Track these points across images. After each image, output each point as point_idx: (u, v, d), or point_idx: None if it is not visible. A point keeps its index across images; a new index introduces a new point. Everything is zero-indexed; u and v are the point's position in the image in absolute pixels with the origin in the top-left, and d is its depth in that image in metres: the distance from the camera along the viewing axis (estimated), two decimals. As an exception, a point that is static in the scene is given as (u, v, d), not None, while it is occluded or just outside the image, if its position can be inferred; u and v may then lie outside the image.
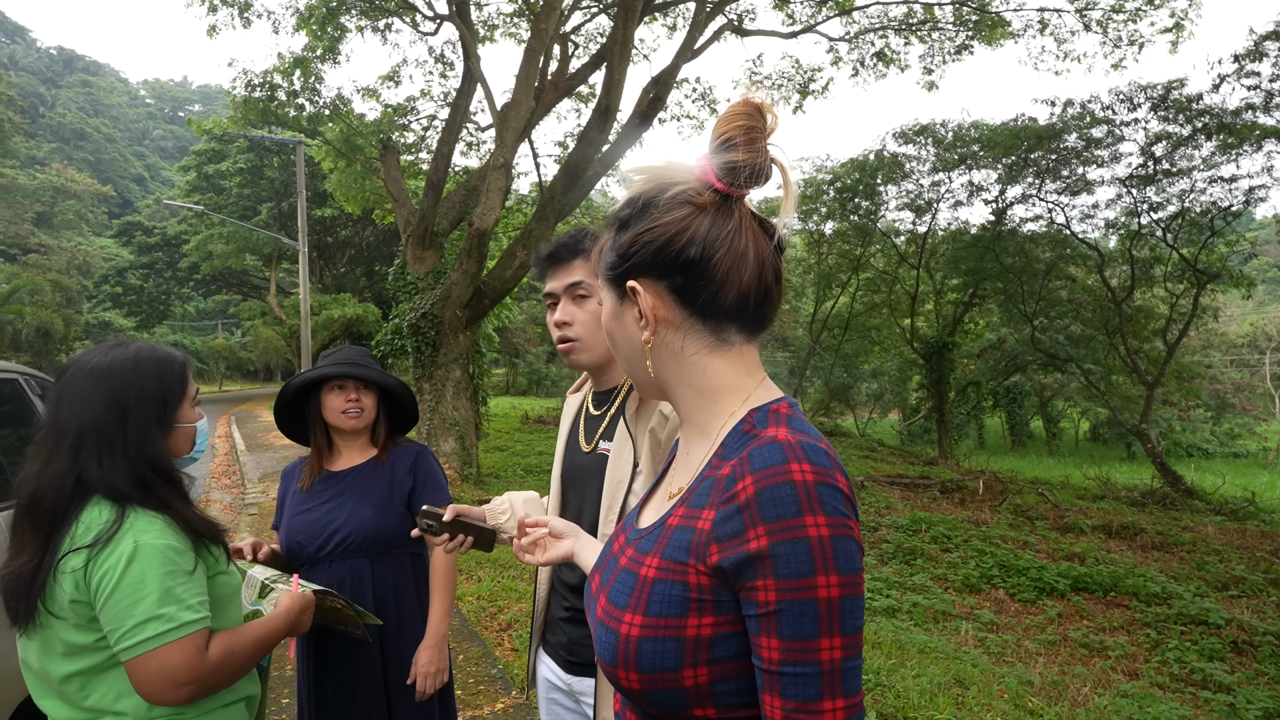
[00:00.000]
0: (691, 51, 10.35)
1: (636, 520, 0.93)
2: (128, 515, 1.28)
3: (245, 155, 28.50)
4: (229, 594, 1.43)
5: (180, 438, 1.43)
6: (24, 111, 46.59)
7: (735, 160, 0.78)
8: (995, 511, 9.37)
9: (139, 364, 1.37)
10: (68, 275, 36.38)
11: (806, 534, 0.69)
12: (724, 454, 0.80)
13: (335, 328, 27.92)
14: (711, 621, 0.74)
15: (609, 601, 0.82)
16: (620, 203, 0.87)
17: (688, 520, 0.78)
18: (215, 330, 55.69)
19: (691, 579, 0.74)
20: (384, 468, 2.04)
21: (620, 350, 0.90)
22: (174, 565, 1.27)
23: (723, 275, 0.80)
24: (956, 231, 17.97)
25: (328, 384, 2.01)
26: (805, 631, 0.68)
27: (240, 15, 10.01)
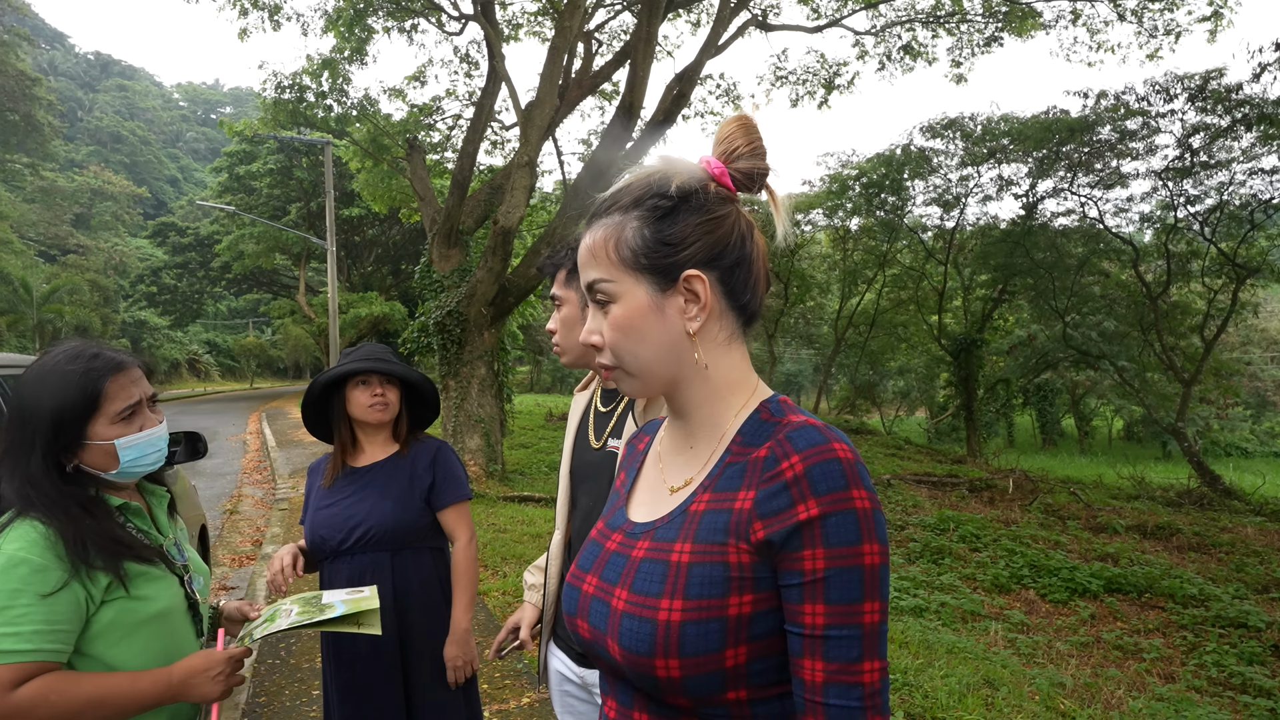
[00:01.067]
0: (715, 47, 10.31)
1: (627, 519, 0.93)
2: (14, 522, 1.22)
3: (275, 156, 28.96)
4: (132, 622, 1.27)
5: (95, 456, 1.32)
6: (63, 115, 47.77)
7: (743, 169, 0.84)
8: (1025, 511, 9.22)
9: (46, 377, 1.29)
10: (105, 275, 37.28)
11: (854, 505, 0.74)
12: (746, 441, 0.83)
13: (363, 326, 28.28)
14: (751, 599, 0.77)
15: (634, 593, 0.82)
16: (643, 191, 0.84)
17: (719, 503, 0.81)
18: (246, 328, 56.71)
19: (732, 558, 0.77)
20: (404, 462, 2.07)
21: (648, 343, 0.85)
22: (21, 583, 1.15)
23: (758, 272, 0.86)
24: (985, 226, 17.70)
25: (352, 380, 2.04)
26: (851, 596, 0.73)
27: (270, 18, 10.16)
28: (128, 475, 1.36)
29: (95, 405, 1.31)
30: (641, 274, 0.84)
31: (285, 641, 4.08)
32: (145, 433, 1.37)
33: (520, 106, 9.96)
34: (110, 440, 1.32)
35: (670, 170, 0.85)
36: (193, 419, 19.43)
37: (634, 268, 0.84)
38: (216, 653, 1.34)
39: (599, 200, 0.89)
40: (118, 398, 1.33)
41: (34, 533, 1.20)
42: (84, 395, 1.30)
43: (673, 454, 0.93)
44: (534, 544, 6.20)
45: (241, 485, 10.18)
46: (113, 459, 1.33)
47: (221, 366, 52.83)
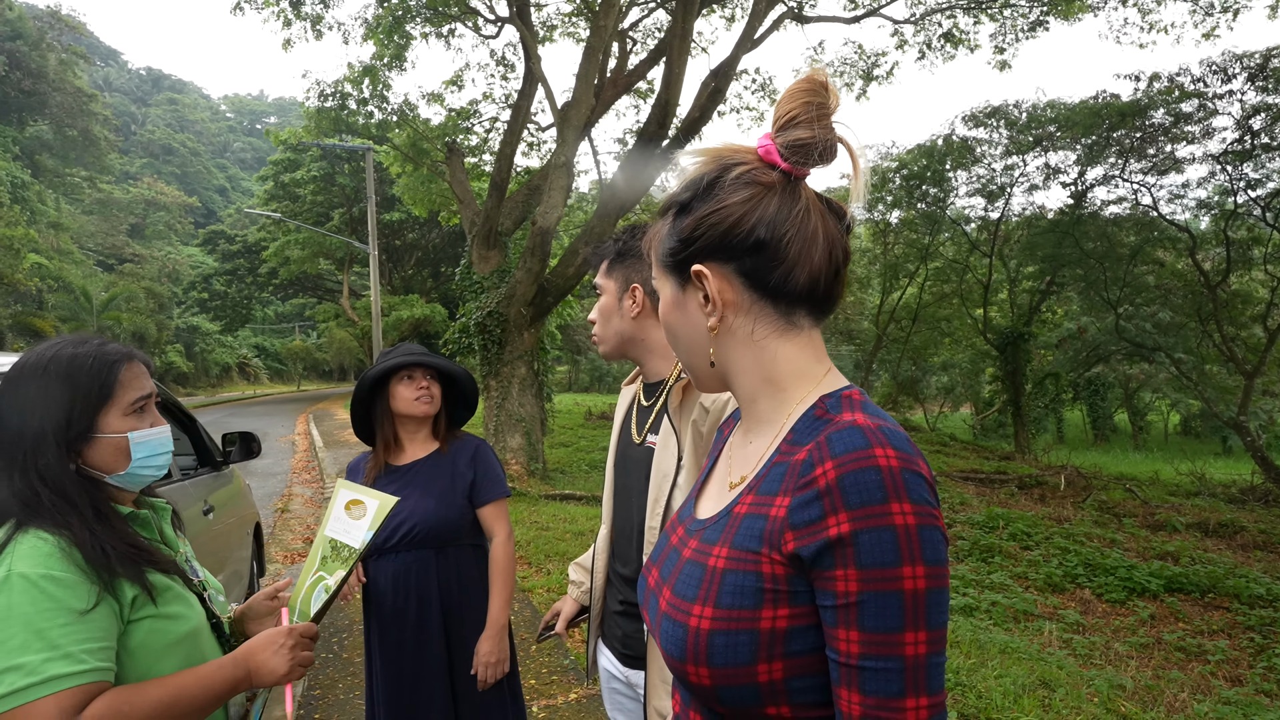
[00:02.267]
0: (751, 42, 10.23)
1: (694, 510, 0.91)
2: (15, 538, 1.07)
3: (318, 163, 29.62)
4: (164, 644, 1.14)
5: (104, 451, 1.18)
6: (118, 130, 49.60)
7: (802, 138, 0.77)
8: (1078, 508, 8.95)
9: (50, 365, 1.17)
10: (159, 282, 38.56)
11: (892, 522, 0.66)
12: (795, 439, 0.77)
13: (405, 328, 28.76)
14: (787, 614, 0.71)
15: (674, 594, 0.80)
16: (676, 187, 0.85)
17: (758, 508, 0.76)
18: (293, 332, 58.13)
19: (765, 568, 0.72)
20: (445, 460, 2.10)
21: (680, 341, 0.87)
22: (52, 601, 1.03)
23: (794, 256, 0.78)
24: (1032, 217, 17.24)
25: (396, 376, 2.08)
26: (889, 624, 0.66)
27: (313, 28, 10.39)
28: (134, 479, 1.23)
29: (109, 392, 1.19)
30: (667, 274, 0.86)
31: (338, 636, 4.16)
32: (156, 429, 1.25)
33: (556, 107, 10.01)
34: (123, 433, 1.20)
35: (706, 161, 0.83)
36: (244, 420, 20.00)
37: (662, 266, 0.86)
38: (277, 629, 1.26)
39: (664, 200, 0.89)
40: (131, 386, 1.22)
41: (46, 546, 1.06)
42: (98, 380, 1.18)
43: (738, 447, 0.89)
44: (576, 541, 6.23)
45: (291, 485, 10.45)
46: (123, 457, 1.20)
47: (270, 370, 54.25)
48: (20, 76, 38.79)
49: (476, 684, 2.00)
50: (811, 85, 0.78)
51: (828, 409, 0.77)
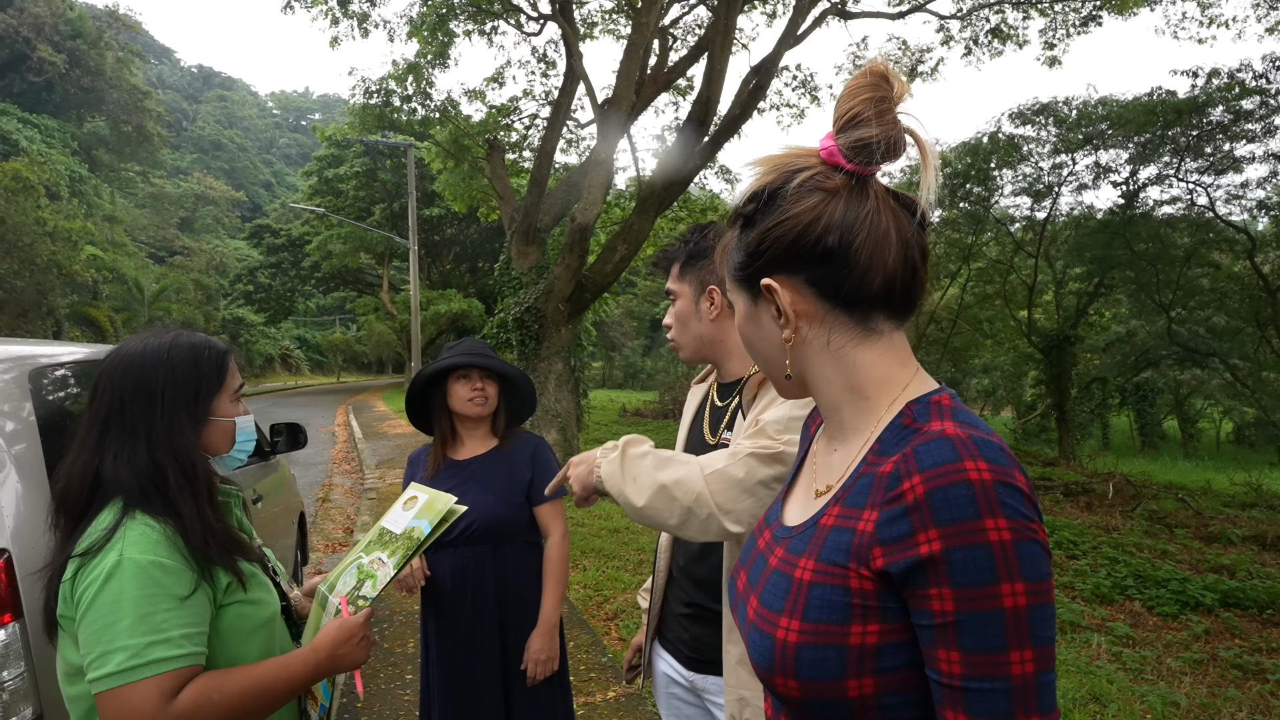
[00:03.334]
0: (794, 38, 10.11)
1: (781, 515, 0.88)
2: (124, 523, 1.13)
3: (361, 159, 30.13)
4: (249, 628, 1.22)
5: (216, 433, 1.29)
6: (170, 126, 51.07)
7: (865, 136, 0.74)
8: (1127, 517, 8.70)
9: (173, 349, 1.25)
10: (207, 275, 39.66)
11: (986, 538, 0.63)
12: (881, 449, 0.75)
13: (442, 322, 29.13)
14: (877, 629, 0.69)
15: (761, 604, 0.78)
16: (741, 198, 0.83)
17: (845, 520, 0.73)
18: (334, 325, 59.29)
19: (853, 584, 0.70)
20: (505, 457, 2.12)
21: (758, 352, 0.87)
22: (158, 586, 1.09)
23: (865, 261, 0.75)
24: (1080, 217, 16.77)
25: (454, 374, 2.10)
26: (991, 644, 0.63)
27: (359, 26, 10.56)
28: (230, 462, 1.34)
29: (224, 378, 1.30)
30: (736, 286, 0.85)
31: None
32: (248, 417, 1.35)
33: (597, 103, 10.02)
34: (231, 417, 1.31)
35: (766, 169, 0.80)
36: (286, 411, 20.46)
37: (733, 280, 0.86)
38: (352, 620, 1.31)
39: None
40: (235, 375, 1.33)
41: (153, 533, 1.13)
42: (216, 365, 1.28)
43: (824, 452, 0.87)
44: (612, 538, 6.24)
45: (332, 475, 10.65)
46: (228, 439, 1.31)
47: (311, 361, 55.44)
48: (79, 74, 40.19)
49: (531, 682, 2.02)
50: (873, 79, 0.75)
51: (915, 417, 0.74)
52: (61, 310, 21.50)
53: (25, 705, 1.41)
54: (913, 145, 0.76)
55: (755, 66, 9.94)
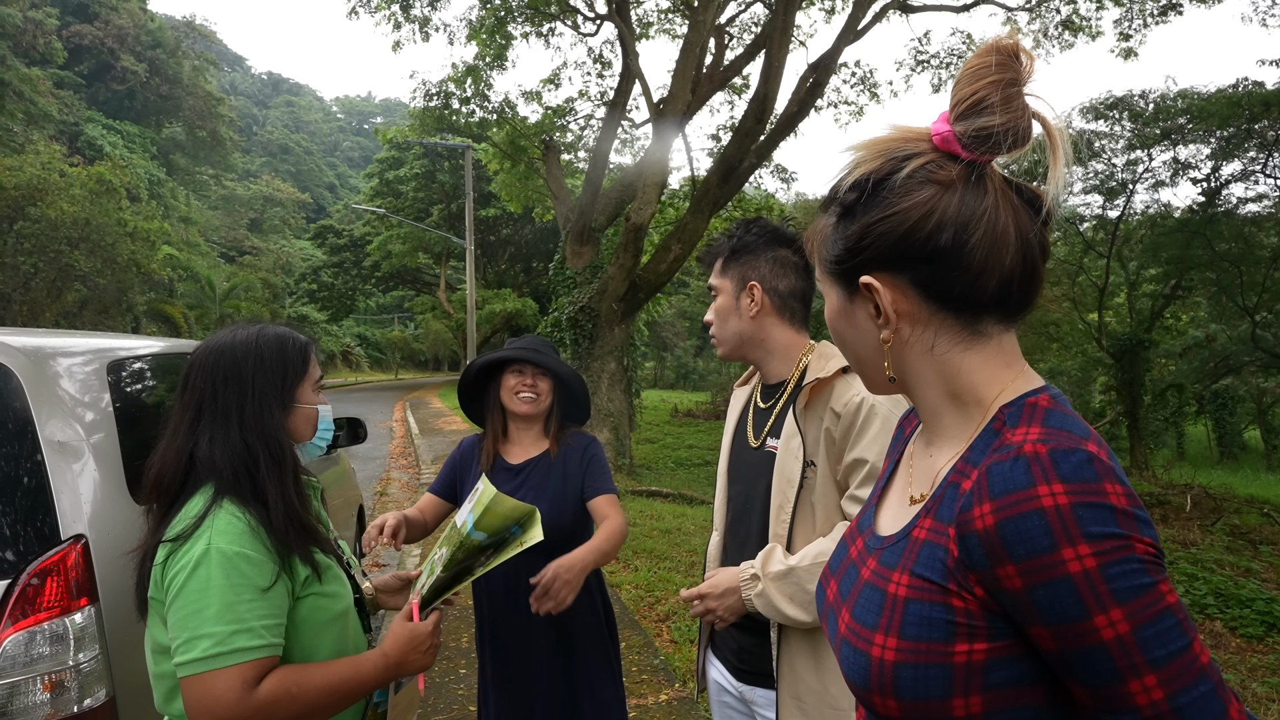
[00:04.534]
0: (854, 33, 9.92)
1: (874, 522, 0.83)
2: (212, 511, 1.17)
3: (420, 161, 30.83)
4: (323, 620, 1.24)
5: (300, 419, 1.33)
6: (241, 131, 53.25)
7: (989, 125, 0.66)
8: (1207, 532, 8.25)
9: (261, 338, 1.31)
10: (274, 274, 41.11)
11: (1066, 570, 0.58)
12: (970, 458, 0.69)
13: (497, 321, 29.59)
14: (985, 647, 0.64)
15: (854, 619, 0.74)
16: (841, 184, 0.75)
17: (936, 535, 0.68)
18: (392, 323, 60.82)
19: (956, 602, 0.65)
20: (556, 463, 2.06)
21: (849, 349, 0.81)
22: (243, 577, 1.12)
23: (980, 261, 0.68)
24: (1156, 215, 16.01)
25: (509, 367, 2.07)
26: (1106, 678, 0.58)
27: (420, 30, 10.79)
28: (311, 449, 1.37)
29: (308, 368, 1.35)
30: (831, 279, 0.78)
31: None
32: (329, 406, 1.40)
33: (653, 103, 10.01)
34: (314, 405, 1.36)
35: (866, 154, 0.73)
36: (347, 406, 21.06)
37: (825, 271, 0.79)
38: (420, 626, 1.33)
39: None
40: (316, 366, 1.38)
41: (239, 524, 1.16)
42: (301, 355, 1.34)
43: (919, 456, 0.81)
44: (664, 539, 6.21)
45: (390, 469, 10.90)
46: (311, 426, 1.35)
47: (370, 358, 56.96)
48: (159, 82, 42.21)
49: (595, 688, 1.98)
50: (1000, 58, 0.67)
51: (1005, 422, 0.68)
52: (140, 307, 22.59)
53: (99, 687, 1.46)
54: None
55: (813, 63, 9.78)
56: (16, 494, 1.50)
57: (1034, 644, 0.62)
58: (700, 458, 13.59)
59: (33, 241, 16.28)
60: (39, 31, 31.55)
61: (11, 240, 16.27)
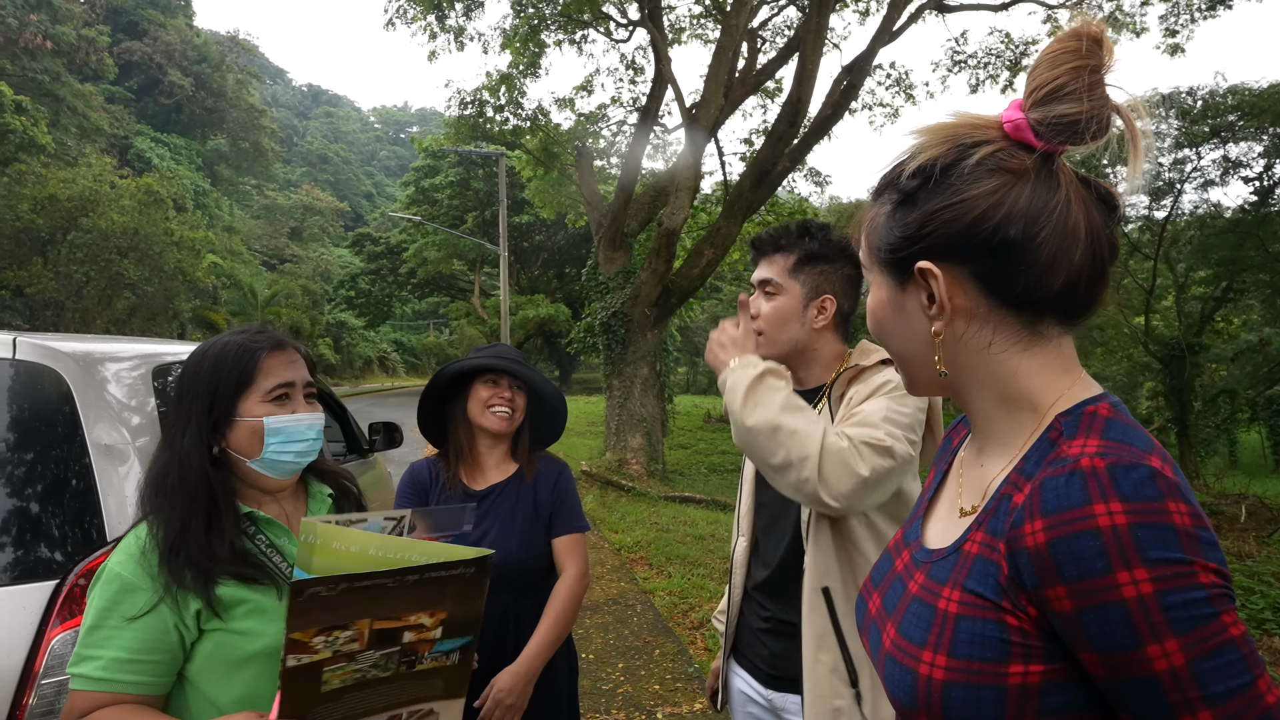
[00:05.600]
0: (889, 34, 9.81)
1: (921, 535, 0.80)
2: (132, 530, 1.16)
3: (455, 169, 31.25)
4: (233, 659, 1.13)
5: (241, 434, 1.22)
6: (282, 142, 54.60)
7: (1070, 113, 0.63)
8: (1263, 543, 7.93)
9: (208, 351, 1.25)
10: (313, 281, 41.96)
11: (1120, 595, 0.55)
12: (1024, 469, 0.66)
13: (530, 326, 29.81)
14: (1041, 669, 0.60)
15: (900, 634, 0.71)
16: (903, 169, 0.71)
17: (988, 549, 0.65)
18: (428, 329, 61.65)
19: (1010, 620, 0.62)
20: (527, 488, 1.84)
21: (894, 342, 0.77)
22: (112, 602, 1.08)
23: (1048, 258, 0.65)
24: (1206, 216, 15.53)
25: (480, 377, 1.83)
26: (1156, 712, 0.55)
27: (455, 39, 10.94)
28: (269, 464, 1.24)
29: (250, 378, 1.23)
30: (881, 268, 0.74)
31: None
32: (295, 416, 1.26)
33: (685, 108, 10.00)
34: (258, 418, 1.22)
35: (929, 140, 0.70)
36: (383, 410, 21.36)
37: (875, 259, 0.75)
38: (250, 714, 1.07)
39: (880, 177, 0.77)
40: (272, 374, 1.25)
41: (135, 545, 1.12)
42: (240, 366, 1.23)
43: (969, 466, 0.77)
44: (697, 545, 6.16)
45: (425, 473, 11.01)
46: (257, 441, 1.22)
47: (406, 363, 57.77)
48: (204, 95, 43.47)
49: None
50: (1082, 43, 0.64)
51: (1062, 431, 0.65)
52: (186, 314, 23.24)
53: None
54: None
55: (847, 65, 9.69)
56: (65, 496, 1.53)
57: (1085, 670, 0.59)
58: (733, 463, 13.50)
59: (85, 251, 16.86)
60: (91, 49, 32.72)
61: (65, 250, 16.86)
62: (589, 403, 23.20)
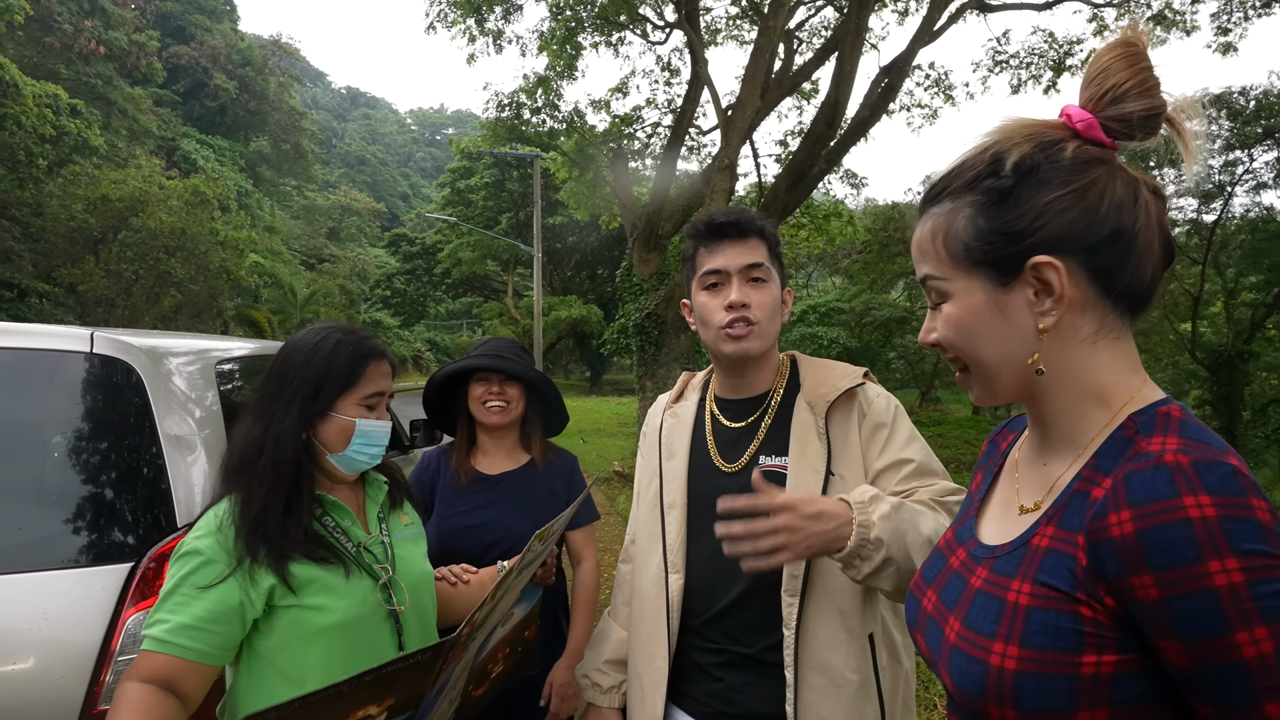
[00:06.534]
0: (930, 34, 9.68)
1: (976, 532, 0.81)
2: (214, 506, 1.23)
3: (490, 171, 31.61)
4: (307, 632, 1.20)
5: (331, 429, 1.29)
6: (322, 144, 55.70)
7: (1135, 110, 0.68)
8: (1315, 558, 7.66)
9: (320, 342, 1.30)
10: (350, 280, 42.75)
11: (1211, 583, 0.56)
12: (1098, 465, 0.67)
13: (563, 327, 29.99)
14: (1114, 660, 0.62)
15: (965, 627, 0.72)
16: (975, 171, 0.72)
17: (1061, 543, 0.67)
18: (461, 329, 62.33)
19: (1084, 611, 0.64)
20: (541, 477, 1.92)
21: (985, 348, 0.74)
22: (188, 572, 1.15)
23: (1143, 246, 0.69)
24: (1258, 220, 15.06)
25: (475, 374, 1.92)
26: (1240, 698, 0.57)
27: (494, 42, 11.07)
28: (347, 461, 1.32)
29: (354, 381, 1.31)
30: (976, 269, 0.73)
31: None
32: (379, 423, 1.35)
33: (720, 109, 10.00)
34: (352, 419, 1.30)
35: (1008, 139, 0.71)
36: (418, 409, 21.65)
37: (966, 262, 0.74)
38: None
39: (930, 184, 0.77)
40: (372, 382, 1.33)
41: (215, 520, 1.19)
42: (350, 368, 1.30)
43: (1028, 466, 0.79)
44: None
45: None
46: (344, 439, 1.30)
47: (440, 362, 58.36)
48: (247, 98, 44.53)
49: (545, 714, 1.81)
50: (1130, 51, 0.68)
51: (1137, 430, 0.66)
52: (229, 311, 23.84)
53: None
54: None
55: (886, 66, 9.60)
56: (138, 483, 1.61)
57: (1162, 660, 0.60)
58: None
59: (134, 250, 17.39)
60: (142, 53, 33.74)
61: (116, 248, 17.42)
62: (620, 404, 23.22)
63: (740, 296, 1.34)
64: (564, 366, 43.96)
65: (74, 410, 1.63)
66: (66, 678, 1.40)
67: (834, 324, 20.39)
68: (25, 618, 1.41)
